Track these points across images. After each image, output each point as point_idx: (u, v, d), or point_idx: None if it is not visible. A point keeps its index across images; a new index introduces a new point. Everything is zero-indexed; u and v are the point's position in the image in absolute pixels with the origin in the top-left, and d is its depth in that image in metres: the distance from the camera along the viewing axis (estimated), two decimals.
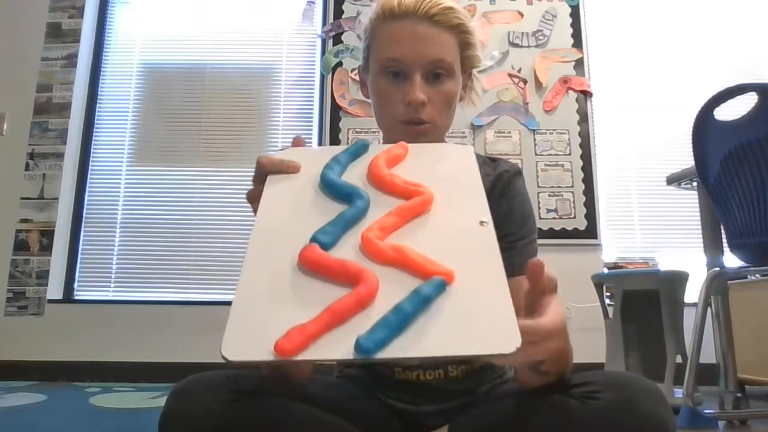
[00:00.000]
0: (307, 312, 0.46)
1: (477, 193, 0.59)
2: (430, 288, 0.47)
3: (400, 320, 0.45)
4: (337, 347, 0.44)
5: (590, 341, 2.44)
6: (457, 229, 0.55)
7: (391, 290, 0.48)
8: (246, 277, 0.51)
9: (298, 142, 0.69)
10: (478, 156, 0.95)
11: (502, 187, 0.90)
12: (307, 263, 0.51)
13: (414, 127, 0.82)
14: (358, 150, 0.66)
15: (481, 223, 0.55)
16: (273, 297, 0.49)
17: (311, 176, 0.62)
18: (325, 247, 0.52)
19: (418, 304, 0.46)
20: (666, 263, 2.65)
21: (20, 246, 2.97)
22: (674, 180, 2.05)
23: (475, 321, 0.46)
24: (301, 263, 0.51)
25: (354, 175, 0.62)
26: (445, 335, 0.45)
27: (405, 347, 0.44)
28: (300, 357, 0.43)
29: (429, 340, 0.44)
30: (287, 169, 0.64)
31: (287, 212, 0.58)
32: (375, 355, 0.43)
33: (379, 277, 0.49)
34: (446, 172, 0.63)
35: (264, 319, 0.46)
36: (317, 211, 0.56)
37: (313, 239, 0.53)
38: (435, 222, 0.56)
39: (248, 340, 0.44)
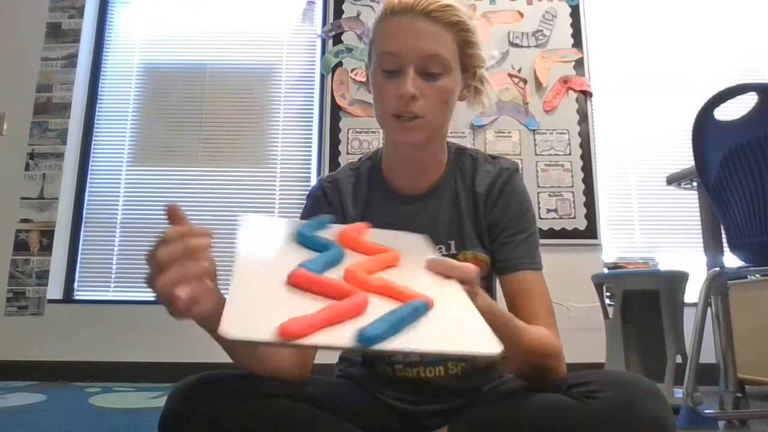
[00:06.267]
0: (306, 309, 0.47)
1: (434, 256, 0.66)
2: (418, 303, 0.52)
3: (397, 319, 0.48)
4: (339, 335, 0.46)
5: (590, 341, 2.44)
6: (424, 275, 0.61)
7: (380, 307, 0.51)
8: (238, 280, 0.52)
9: (173, 211, 0.57)
10: (478, 153, 0.96)
11: (502, 184, 0.90)
12: (298, 282, 0.53)
13: (405, 122, 0.82)
14: (323, 222, 0.71)
15: (447, 277, 0.61)
16: (269, 296, 0.50)
17: (283, 237, 0.65)
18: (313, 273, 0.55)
19: (411, 310, 0.51)
20: (666, 263, 2.65)
21: (20, 246, 2.97)
22: (674, 180, 2.05)
23: (461, 330, 0.52)
24: (291, 282, 0.53)
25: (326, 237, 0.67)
26: (438, 335, 0.50)
27: (403, 341, 0.47)
28: (303, 341, 0.44)
29: (425, 337, 0.49)
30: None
31: (268, 255, 0.60)
32: (375, 346, 0.45)
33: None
34: (406, 243, 0.70)
35: (265, 307, 0.48)
36: (298, 255, 0.59)
37: (301, 266, 0.55)
38: (405, 270, 0.62)
39: (250, 321, 0.45)
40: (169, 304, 0.52)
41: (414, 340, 0.48)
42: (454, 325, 0.52)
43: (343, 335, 0.46)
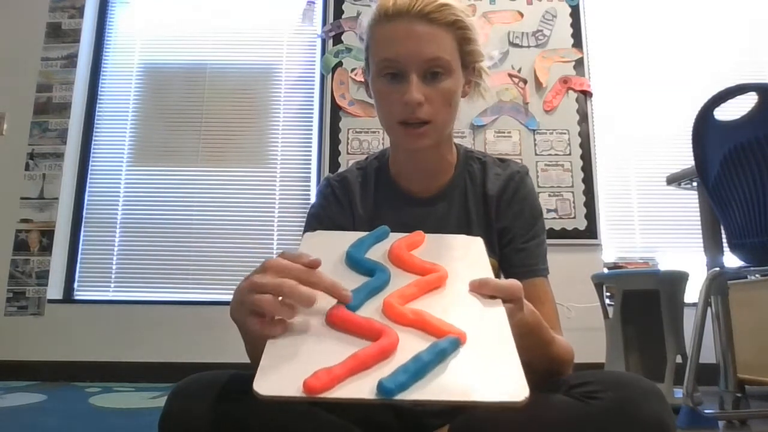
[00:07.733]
0: (334, 358, 0.50)
1: (487, 273, 0.65)
2: (446, 343, 0.53)
3: (419, 367, 0.49)
4: (360, 388, 0.48)
5: (590, 341, 2.44)
6: (469, 301, 0.61)
7: (410, 345, 0.53)
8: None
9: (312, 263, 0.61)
10: (486, 156, 0.96)
11: (514, 188, 0.90)
12: (334, 320, 0.55)
13: (413, 129, 0.82)
14: (381, 235, 0.72)
15: (492, 296, 0.60)
16: (303, 344, 0.53)
17: (337, 255, 0.67)
18: (351, 309, 0.57)
19: (436, 354, 0.51)
20: (666, 263, 2.65)
21: (20, 246, 2.97)
22: (674, 180, 2.05)
23: (488, 373, 0.51)
24: (328, 321, 0.56)
25: (376, 255, 0.68)
26: (461, 382, 0.50)
27: (424, 390, 0.48)
28: (326, 395, 0.47)
29: (446, 385, 0.49)
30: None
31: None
32: (395, 396, 0.47)
33: (399, 335, 0.54)
34: (458, 256, 0.69)
35: (294, 361, 0.51)
36: (343, 281, 0.60)
37: (340, 302, 0.57)
38: (449, 294, 0.62)
39: (279, 378, 0.48)
40: (249, 323, 0.55)
41: (435, 389, 0.49)
42: (482, 367, 0.52)
43: (364, 387, 0.48)
